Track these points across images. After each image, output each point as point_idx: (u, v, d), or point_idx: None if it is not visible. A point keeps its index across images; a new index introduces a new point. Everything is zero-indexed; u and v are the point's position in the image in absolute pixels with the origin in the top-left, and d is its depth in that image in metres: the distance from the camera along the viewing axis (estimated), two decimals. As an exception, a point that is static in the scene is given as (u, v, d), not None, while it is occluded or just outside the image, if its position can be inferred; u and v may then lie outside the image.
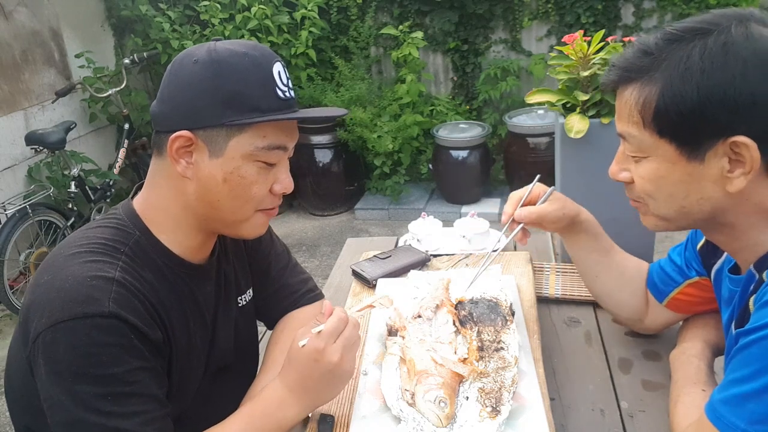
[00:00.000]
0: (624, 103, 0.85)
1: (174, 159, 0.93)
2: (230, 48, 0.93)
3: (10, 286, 3.51)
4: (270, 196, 0.99)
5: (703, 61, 0.77)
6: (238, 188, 0.95)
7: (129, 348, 0.86)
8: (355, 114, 4.40)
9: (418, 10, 4.63)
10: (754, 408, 0.73)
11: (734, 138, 0.76)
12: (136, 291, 0.91)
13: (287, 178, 1.00)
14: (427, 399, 0.94)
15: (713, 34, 0.78)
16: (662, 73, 0.80)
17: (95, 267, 0.89)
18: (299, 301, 1.27)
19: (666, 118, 0.80)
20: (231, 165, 0.93)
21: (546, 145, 4.14)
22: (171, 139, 0.91)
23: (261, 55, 0.95)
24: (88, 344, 0.83)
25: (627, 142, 0.88)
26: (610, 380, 1.12)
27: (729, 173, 0.79)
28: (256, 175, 0.95)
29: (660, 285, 1.13)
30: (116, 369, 0.84)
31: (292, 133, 0.98)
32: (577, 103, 1.35)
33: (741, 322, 0.85)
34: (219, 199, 0.96)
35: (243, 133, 0.92)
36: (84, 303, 0.84)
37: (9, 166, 3.91)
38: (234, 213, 0.98)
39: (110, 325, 0.85)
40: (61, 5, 4.35)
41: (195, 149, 0.93)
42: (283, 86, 0.95)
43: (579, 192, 1.41)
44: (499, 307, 1.18)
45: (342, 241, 2.04)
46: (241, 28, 4.37)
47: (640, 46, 0.84)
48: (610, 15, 4.38)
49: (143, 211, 0.99)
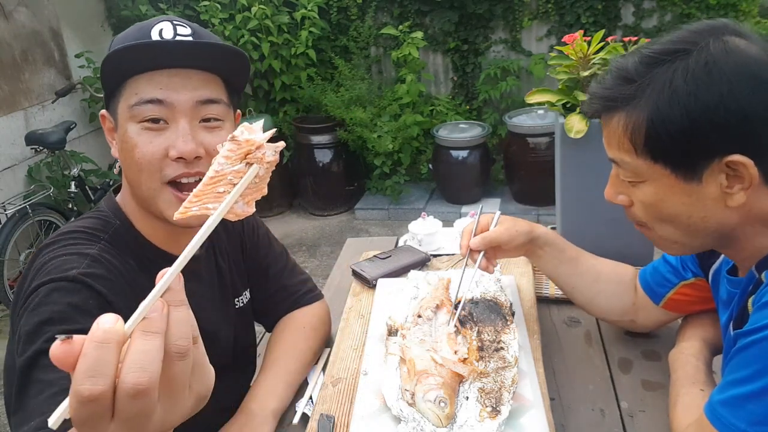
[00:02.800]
0: (612, 131, 0.85)
1: (110, 142, 0.96)
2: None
3: (10, 286, 3.51)
4: (170, 163, 0.90)
5: (688, 84, 0.76)
6: (126, 154, 0.91)
7: (85, 310, 0.83)
8: (355, 114, 4.40)
9: (418, 10, 4.63)
10: (754, 409, 0.73)
11: (730, 158, 0.76)
12: (112, 267, 0.90)
13: (182, 141, 0.88)
14: (427, 399, 0.94)
15: (692, 54, 0.77)
16: (647, 100, 0.79)
17: (74, 248, 0.90)
18: (299, 302, 1.27)
19: (658, 144, 0.80)
20: (121, 132, 0.91)
21: (546, 145, 4.14)
22: (101, 122, 0.96)
23: (153, 18, 0.92)
24: (45, 304, 0.83)
25: (621, 167, 0.87)
26: (610, 380, 1.12)
27: (728, 189, 0.79)
28: (137, 136, 0.89)
29: (655, 287, 1.13)
30: (66, 327, 0.80)
31: (174, 86, 0.89)
32: (577, 103, 1.35)
33: (739, 323, 0.84)
34: (126, 174, 0.93)
35: (121, 97, 0.90)
36: (53, 272, 0.85)
37: (9, 166, 3.91)
38: (138, 188, 0.92)
39: (72, 288, 0.84)
40: (61, 5, 4.35)
41: (114, 127, 0.94)
42: (160, 37, 0.89)
43: (579, 192, 1.42)
44: (499, 307, 1.18)
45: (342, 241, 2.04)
46: (241, 28, 4.37)
47: (619, 72, 0.82)
48: (610, 15, 4.38)
49: (121, 202, 1.00)
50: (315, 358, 1.23)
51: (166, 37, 0.89)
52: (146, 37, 0.89)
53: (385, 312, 1.22)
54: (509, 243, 1.13)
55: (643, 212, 0.88)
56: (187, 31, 0.91)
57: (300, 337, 1.21)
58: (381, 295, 1.33)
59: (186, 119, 0.90)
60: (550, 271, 1.19)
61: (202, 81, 0.91)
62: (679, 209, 0.83)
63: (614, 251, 1.34)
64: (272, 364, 1.15)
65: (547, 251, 1.16)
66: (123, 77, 0.90)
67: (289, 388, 1.13)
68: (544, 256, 1.17)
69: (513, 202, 4.51)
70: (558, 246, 1.17)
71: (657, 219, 0.87)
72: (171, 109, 0.89)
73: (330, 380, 1.11)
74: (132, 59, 0.88)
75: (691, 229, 0.84)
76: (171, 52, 0.89)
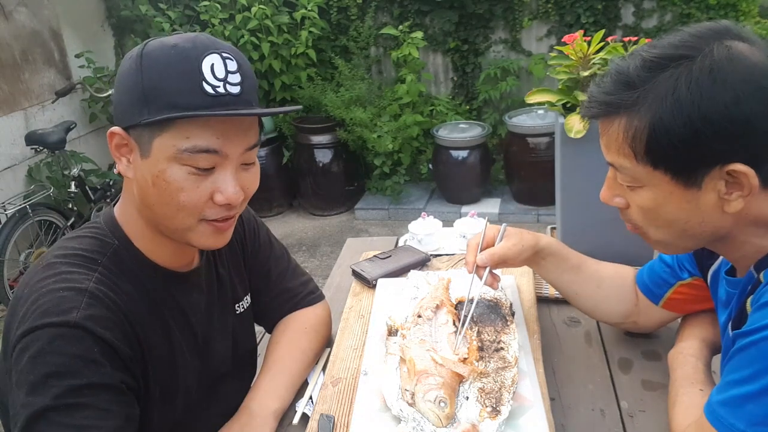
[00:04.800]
0: (611, 136, 0.84)
1: (116, 157, 0.90)
2: (164, 40, 0.86)
3: (10, 286, 3.51)
4: (213, 206, 0.88)
5: (692, 93, 0.74)
6: (166, 194, 0.86)
7: (90, 361, 0.82)
8: (355, 114, 4.40)
9: (418, 10, 4.63)
10: (754, 409, 0.73)
11: (731, 166, 0.75)
12: (110, 302, 0.87)
13: (230, 188, 0.87)
14: (427, 399, 0.94)
15: (696, 60, 0.75)
16: (649, 107, 0.77)
17: (69, 278, 0.87)
18: (300, 304, 1.26)
19: (659, 151, 0.79)
20: (157, 167, 0.85)
21: (546, 145, 4.14)
22: (108, 137, 0.89)
23: (193, 46, 0.84)
24: (49, 353, 0.81)
25: (619, 172, 0.86)
26: (610, 380, 1.12)
27: (726, 196, 0.78)
28: (184, 180, 0.85)
29: (653, 287, 1.13)
30: (73, 381, 0.80)
31: (228, 135, 0.86)
32: (577, 103, 1.35)
33: (738, 324, 0.84)
34: (153, 203, 0.89)
35: (164, 132, 0.84)
36: (52, 313, 0.82)
37: (9, 166, 3.91)
38: (170, 220, 0.89)
39: (74, 335, 0.82)
40: (61, 5, 4.35)
41: (131, 147, 0.88)
42: (215, 81, 0.83)
43: (579, 192, 1.42)
44: (499, 307, 1.18)
45: (342, 241, 2.04)
46: (241, 28, 4.37)
47: (620, 76, 0.81)
48: (610, 15, 4.38)
49: (121, 219, 0.97)
50: (316, 359, 1.23)
51: (217, 74, 0.84)
52: (196, 72, 0.83)
53: (385, 312, 1.22)
54: (516, 257, 1.12)
55: (640, 216, 0.87)
56: (234, 66, 0.86)
57: (301, 338, 1.21)
58: (381, 295, 1.33)
59: (234, 166, 0.88)
60: (553, 280, 1.19)
61: (249, 124, 0.89)
62: (677, 215, 0.83)
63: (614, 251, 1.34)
64: (273, 364, 1.15)
65: (550, 261, 1.15)
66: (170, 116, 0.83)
67: (289, 388, 1.13)
68: (548, 266, 1.16)
69: (513, 202, 4.51)
70: (561, 255, 1.16)
71: (654, 223, 0.86)
72: (223, 158, 0.87)
73: (330, 380, 1.11)
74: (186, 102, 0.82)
75: (688, 233, 0.85)
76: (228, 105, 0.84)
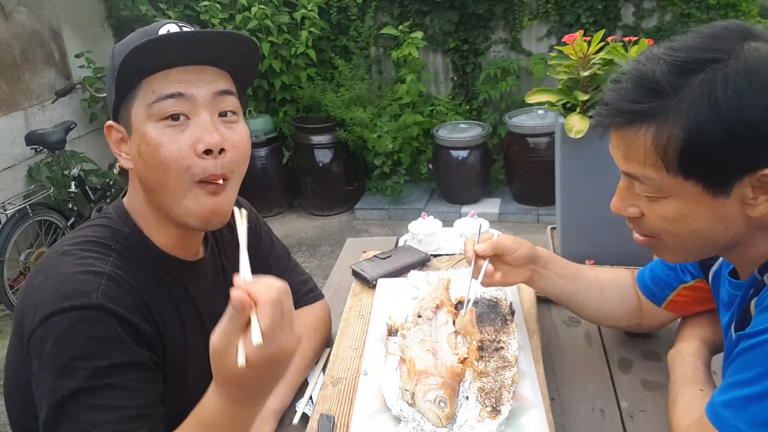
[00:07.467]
0: (634, 146, 0.78)
1: (117, 154, 0.94)
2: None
3: (10, 286, 3.51)
4: (198, 160, 0.89)
5: (730, 98, 0.71)
6: (150, 157, 0.88)
7: (116, 341, 0.84)
8: (355, 114, 4.40)
9: (418, 10, 4.63)
10: (757, 411, 0.73)
11: (765, 171, 0.73)
12: (127, 285, 0.89)
13: (207, 133, 0.88)
14: (427, 399, 0.94)
15: (729, 64, 0.72)
16: (683, 114, 0.73)
17: (85, 263, 0.88)
18: (299, 302, 1.26)
19: (693, 161, 0.75)
20: (138, 136, 0.89)
21: (546, 145, 4.14)
22: (106, 133, 0.93)
23: (157, 23, 0.90)
24: (73, 336, 0.82)
25: (640, 182, 0.82)
26: (610, 380, 1.12)
27: (752, 200, 0.76)
28: (161, 136, 0.88)
29: (655, 290, 1.12)
30: (100, 362, 0.81)
31: (190, 80, 0.89)
32: (577, 103, 1.35)
33: (741, 325, 0.84)
34: (146, 178, 0.91)
35: (135, 100, 0.88)
36: (72, 296, 0.83)
37: (9, 166, 3.91)
38: (166, 188, 0.90)
39: (97, 317, 0.83)
40: (61, 5, 4.35)
41: (124, 137, 0.92)
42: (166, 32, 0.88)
43: (579, 192, 1.42)
44: (499, 307, 1.18)
45: (342, 241, 2.04)
46: (241, 28, 4.36)
47: (645, 83, 0.76)
48: (610, 15, 4.38)
49: (131, 209, 0.99)
50: (315, 358, 1.23)
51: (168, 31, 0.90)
52: (151, 35, 0.88)
53: (385, 312, 1.22)
54: (514, 251, 1.11)
55: (660, 226, 0.84)
56: (192, 30, 0.92)
57: (300, 337, 1.21)
58: (381, 295, 1.33)
59: (207, 112, 0.90)
60: (557, 291, 1.16)
61: (216, 74, 0.92)
62: (703, 224, 0.80)
63: (614, 251, 1.35)
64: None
65: (552, 269, 1.14)
66: (136, 79, 0.88)
67: (289, 388, 1.13)
68: (550, 276, 1.14)
69: (513, 202, 4.51)
70: (560, 263, 1.16)
71: (675, 232, 0.83)
72: (192, 102, 0.89)
73: (330, 380, 1.11)
74: (144, 59, 0.86)
75: (710, 241, 0.82)
76: (184, 49, 0.88)
